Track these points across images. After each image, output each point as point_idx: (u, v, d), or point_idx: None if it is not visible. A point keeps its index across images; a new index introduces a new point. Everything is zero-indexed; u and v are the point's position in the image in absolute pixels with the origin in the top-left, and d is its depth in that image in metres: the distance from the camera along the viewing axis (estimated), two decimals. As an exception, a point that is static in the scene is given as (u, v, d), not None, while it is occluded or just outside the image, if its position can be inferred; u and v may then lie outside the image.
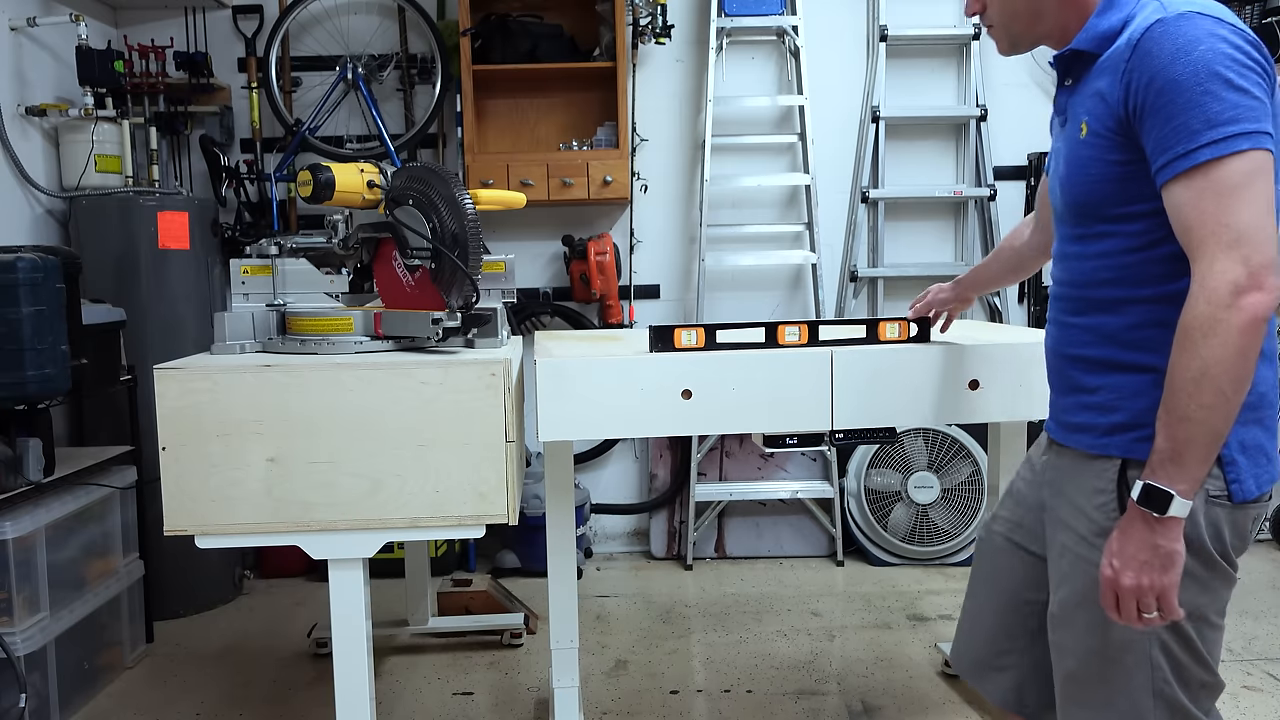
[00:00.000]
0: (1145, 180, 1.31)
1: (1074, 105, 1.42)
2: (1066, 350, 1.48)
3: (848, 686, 2.94)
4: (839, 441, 2.05)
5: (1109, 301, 1.40)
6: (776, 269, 4.25)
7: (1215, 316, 1.20)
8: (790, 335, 2.05)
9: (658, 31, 3.90)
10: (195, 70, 3.94)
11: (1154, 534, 1.27)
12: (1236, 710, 2.74)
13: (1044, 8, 1.43)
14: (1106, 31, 1.35)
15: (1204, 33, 1.24)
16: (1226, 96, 1.21)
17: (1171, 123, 1.24)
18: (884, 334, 2.10)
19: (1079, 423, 1.45)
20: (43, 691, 2.65)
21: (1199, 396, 1.22)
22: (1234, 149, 1.21)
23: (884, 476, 4.01)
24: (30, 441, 2.61)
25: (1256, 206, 1.21)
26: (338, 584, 1.89)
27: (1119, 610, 1.33)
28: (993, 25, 1.50)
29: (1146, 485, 1.27)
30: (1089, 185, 1.37)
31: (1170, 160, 1.25)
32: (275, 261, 2.24)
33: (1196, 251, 1.24)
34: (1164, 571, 1.28)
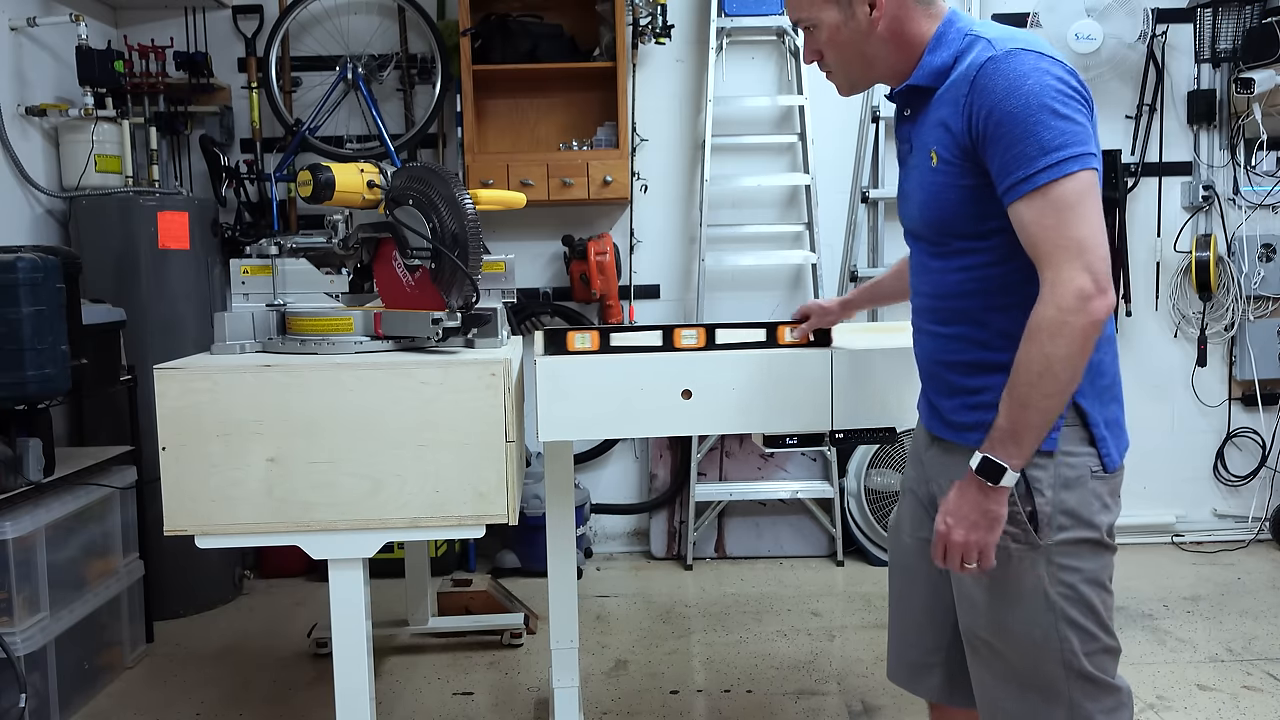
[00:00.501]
0: (994, 201, 1.44)
1: (918, 135, 1.55)
2: (942, 358, 1.59)
3: (848, 686, 2.94)
4: (839, 441, 2.04)
5: (976, 311, 1.52)
6: (776, 269, 4.25)
7: (1063, 320, 1.34)
8: (687, 339, 2.01)
9: (658, 31, 3.90)
10: (195, 70, 3.94)
11: (986, 499, 1.43)
12: (1236, 710, 2.75)
13: (875, 56, 1.55)
14: (940, 67, 1.49)
15: (1030, 68, 1.38)
16: (1054, 125, 1.36)
17: (1011, 150, 1.38)
18: (783, 338, 2.07)
19: (969, 421, 1.55)
20: (43, 691, 2.65)
21: (1041, 387, 1.37)
22: (1067, 171, 1.35)
23: (884, 476, 4.01)
24: (30, 441, 2.61)
25: (1092, 220, 1.36)
26: (338, 584, 1.89)
27: (945, 559, 1.49)
28: (831, 71, 1.61)
29: (984, 457, 1.42)
30: (945, 208, 1.50)
31: (1013, 184, 1.38)
32: (275, 261, 2.23)
33: (1044, 262, 1.37)
34: (988, 530, 1.44)
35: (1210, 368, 4.23)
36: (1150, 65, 4.11)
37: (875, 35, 1.52)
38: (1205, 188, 4.14)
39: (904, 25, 1.51)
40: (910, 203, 1.59)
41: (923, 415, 1.70)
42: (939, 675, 1.73)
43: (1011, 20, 4.12)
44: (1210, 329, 4.19)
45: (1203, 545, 4.20)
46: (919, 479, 1.72)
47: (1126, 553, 1.64)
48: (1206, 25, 4.12)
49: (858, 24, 1.51)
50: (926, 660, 1.74)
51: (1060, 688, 1.50)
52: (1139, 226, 4.21)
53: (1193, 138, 4.19)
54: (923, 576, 1.72)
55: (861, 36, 1.52)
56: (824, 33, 1.55)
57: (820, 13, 1.53)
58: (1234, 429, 4.27)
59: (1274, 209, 4.18)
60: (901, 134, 1.61)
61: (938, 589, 1.70)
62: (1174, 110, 4.19)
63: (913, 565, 1.74)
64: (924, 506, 1.71)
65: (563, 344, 1.99)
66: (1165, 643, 3.19)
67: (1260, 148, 4.12)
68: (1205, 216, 4.21)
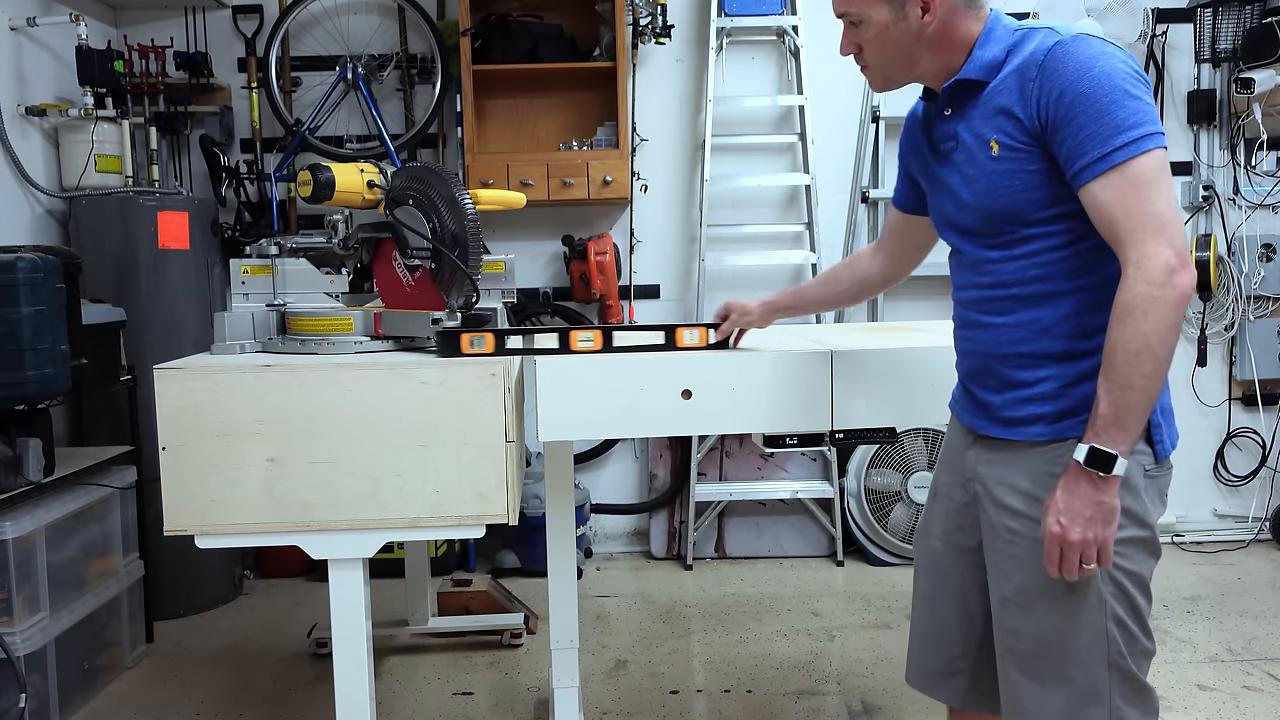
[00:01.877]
0: (1060, 185, 1.44)
1: (967, 130, 1.53)
2: (998, 349, 1.55)
3: (848, 686, 2.94)
4: (839, 441, 2.04)
5: (1040, 296, 1.50)
6: (777, 269, 4.25)
7: (1153, 295, 1.33)
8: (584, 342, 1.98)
9: (658, 31, 3.90)
10: (195, 70, 3.94)
11: (1098, 491, 1.39)
12: (1236, 710, 2.75)
13: (919, 56, 1.54)
14: (992, 61, 1.49)
15: (1098, 51, 1.40)
16: (1128, 104, 1.37)
17: (1085, 130, 1.38)
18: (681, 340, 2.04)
19: (1026, 415, 1.52)
20: (43, 691, 2.65)
21: (1140, 366, 1.34)
22: (1144, 148, 1.36)
23: (884, 476, 4.01)
24: (30, 441, 2.61)
25: (1169, 196, 1.37)
26: (338, 584, 1.89)
27: (1061, 564, 1.43)
28: (868, 66, 1.60)
29: (1093, 448, 1.38)
30: (1012, 196, 1.48)
31: (1089, 163, 1.38)
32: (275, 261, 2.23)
33: (1126, 240, 1.36)
34: (1105, 525, 1.41)
35: (1210, 368, 4.23)
36: (1150, 65, 4.11)
37: (924, 37, 1.51)
38: (1205, 188, 4.14)
39: (953, 27, 1.51)
40: (957, 197, 1.56)
41: (963, 414, 1.66)
42: (964, 681, 1.70)
43: (1011, 20, 4.12)
44: (1210, 329, 4.19)
45: (1203, 545, 4.20)
46: (954, 482, 1.69)
47: (1126, 553, 1.62)
48: (1206, 25, 4.12)
49: (908, 25, 1.51)
50: (953, 666, 1.71)
51: (1102, 689, 1.48)
52: (1139, 226, 4.21)
53: (1193, 138, 4.19)
54: (954, 582, 1.69)
55: (911, 37, 1.52)
56: (870, 30, 1.54)
57: (871, 9, 1.52)
58: (1234, 429, 4.27)
59: (1274, 209, 4.18)
60: (943, 132, 1.58)
61: (968, 595, 1.67)
62: (1174, 110, 4.19)
63: (944, 571, 1.71)
64: (958, 511, 1.67)
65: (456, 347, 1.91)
66: (1165, 643, 3.19)
67: (1260, 148, 4.12)
68: (1205, 216, 4.21)
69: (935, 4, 1.49)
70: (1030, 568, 1.50)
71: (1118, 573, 1.47)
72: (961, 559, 1.68)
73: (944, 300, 4.57)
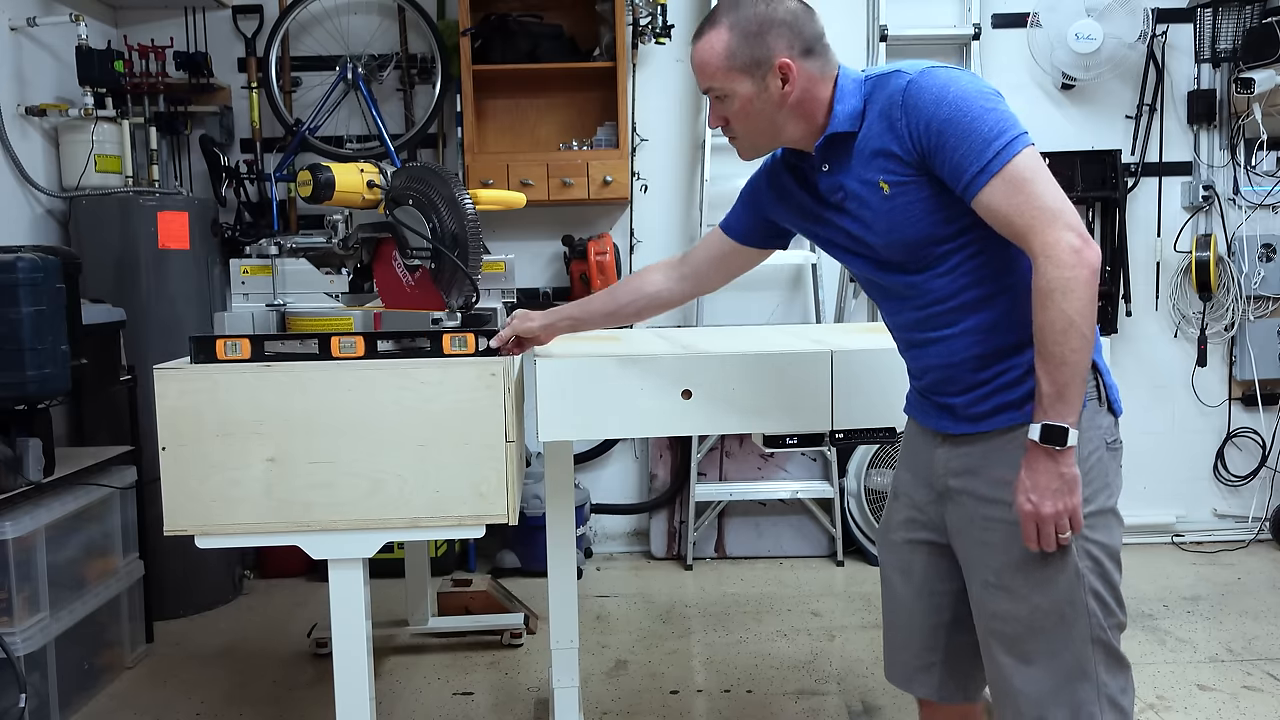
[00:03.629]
0: (956, 200, 1.51)
1: (851, 178, 1.60)
2: (953, 359, 1.61)
3: (848, 686, 2.94)
4: (839, 441, 2.05)
5: (978, 300, 1.57)
6: (776, 269, 4.24)
7: (1066, 276, 1.41)
8: (345, 348, 1.89)
9: (658, 31, 3.90)
10: (195, 70, 3.94)
11: (1058, 464, 1.46)
12: (1236, 710, 2.75)
13: (783, 124, 1.63)
14: (853, 112, 1.58)
15: (946, 79, 1.50)
16: (988, 117, 1.46)
17: (959, 151, 1.47)
18: (448, 347, 1.90)
19: (991, 408, 1.58)
20: (43, 691, 2.65)
21: (1069, 343, 1.42)
22: (1015, 150, 1.45)
23: (884, 476, 4.01)
24: (30, 441, 2.61)
25: (1051, 185, 1.46)
26: (338, 584, 1.89)
27: (1039, 539, 1.49)
28: (736, 137, 1.69)
29: (1045, 425, 1.45)
30: (916, 223, 1.55)
31: (972, 179, 1.47)
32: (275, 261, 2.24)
33: (1028, 234, 1.45)
34: (1071, 494, 1.47)
35: (1210, 368, 4.23)
36: (1150, 65, 4.10)
37: (785, 106, 1.60)
38: (1205, 188, 4.14)
39: (810, 93, 1.60)
40: (862, 241, 1.63)
41: (925, 419, 1.71)
42: (937, 673, 1.75)
43: (1012, 20, 4.12)
44: (1210, 329, 4.19)
45: (1203, 545, 4.20)
46: (916, 480, 1.73)
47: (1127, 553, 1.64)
48: (1206, 25, 4.12)
49: (770, 96, 1.59)
50: (924, 659, 1.75)
51: (1088, 665, 1.54)
52: (1139, 226, 4.21)
53: (1193, 138, 4.19)
54: (916, 577, 1.74)
55: (773, 107, 1.60)
56: (736, 103, 1.62)
57: (734, 84, 1.60)
58: (1234, 429, 4.27)
59: (1274, 209, 4.18)
60: (828, 185, 1.65)
61: (932, 588, 1.72)
62: (1174, 110, 4.19)
63: (905, 567, 1.76)
64: (918, 508, 1.72)
65: (212, 353, 1.85)
66: (1165, 643, 3.19)
67: (1260, 148, 4.11)
68: (1205, 216, 4.20)
69: (794, 74, 1.57)
70: (1009, 551, 1.55)
71: (1091, 545, 1.53)
72: (924, 554, 1.73)
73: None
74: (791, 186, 1.74)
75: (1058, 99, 4.18)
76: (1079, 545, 1.52)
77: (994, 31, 4.14)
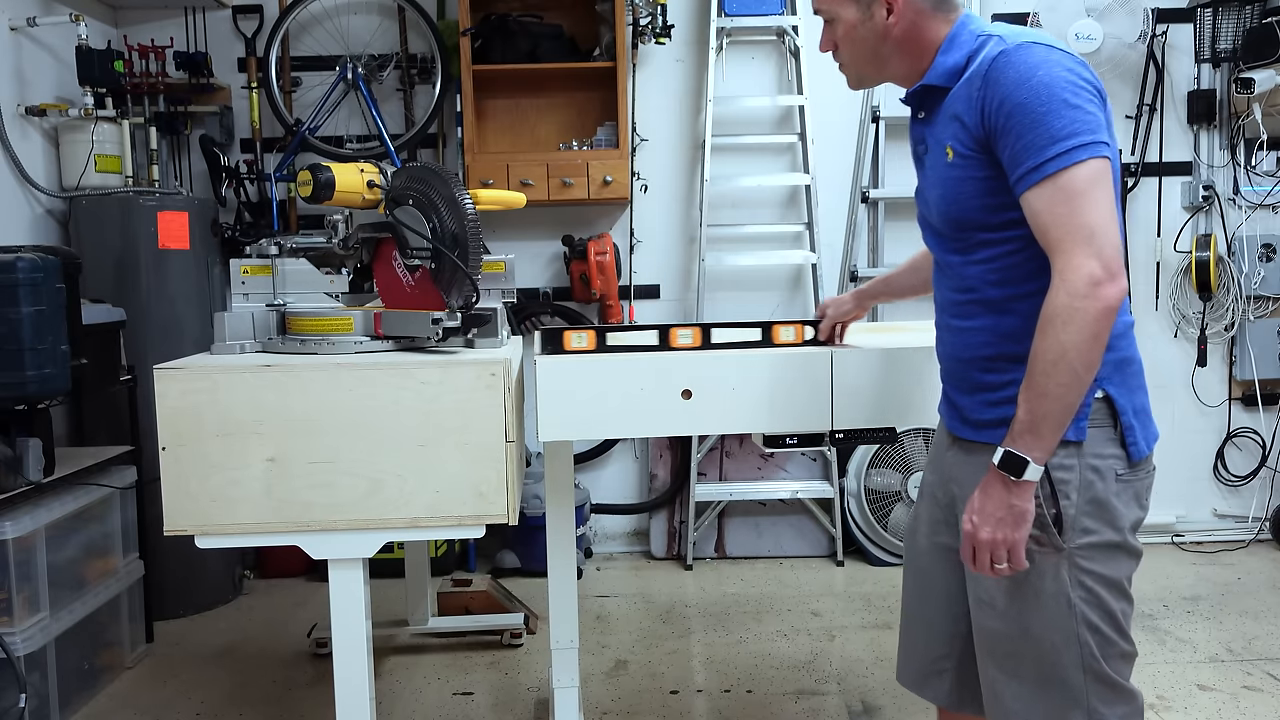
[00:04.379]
0: (1010, 192, 1.45)
1: (932, 134, 1.57)
2: (964, 354, 1.58)
3: (848, 686, 2.94)
4: (839, 441, 2.04)
5: (999, 302, 1.52)
6: (776, 269, 4.25)
7: (1074, 306, 1.35)
8: (683, 339, 2.01)
9: (658, 31, 3.90)
10: (195, 70, 3.94)
11: (1010, 494, 1.42)
12: (1236, 710, 2.75)
13: (888, 57, 1.58)
14: (953, 67, 1.51)
15: (1040, 59, 1.41)
16: (1065, 114, 1.38)
17: (1021, 140, 1.40)
18: (778, 338, 2.06)
19: (990, 419, 1.55)
20: (43, 691, 2.65)
21: (1057, 376, 1.36)
22: (1076, 159, 1.37)
23: (884, 476, 4.01)
24: (30, 441, 2.61)
25: (1102, 207, 1.38)
26: (338, 584, 1.89)
27: (975, 561, 1.47)
28: (843, 64, 1.64)
29: (1007, 452, 1.41)
30: (963, 202, 1.51)
31: (1024, 173, 1.40)
32: (275, 261, 2.23)
33: (1055, 250, 1.39)
34: (1015, 528, 1.43)
35: (1210, 368, 4.23)
36: (1150, 65, 4.11)
37: (890, 38, 1.55)
38: (1205, 188, 4.14)
39: (919, 30, 1.54)
40: (928, 201, 1.61)
41: (944, 416, 1.70)
42: (949, 680, 1.72)
43: (1011, 20, 4.12)
44: (1210, 329, 4.19)
45: (1203, 545, 4.20)
46: (938, 482, 1.71)
47: (1127, 553, 1.62)
48: (1206, 25, 4.12)
49: (874, 25, 1.54)
50: (937, 665, 1.73)
51: (1079, 693, 1.49)
52: (1139, 226, 4.21)
53: (1193, 138, 4.19)
54: (938, 580, 1.71)
55: (877, 37, 1.55)
56: (841, 28, 1.58)
57: (840, 8, 1.57)
58: (1234, 429, 4.27)
59: (1274, 209, 4.18)
60: (916, 135, 1.63)
61: (951, 594, 1.69)
62: (1174, 110, 4.19)
63: (927, 569, 1.73)
64: (942, 510, 1.70)
65: (559, 344, 1.99)
66: (1165, 643, 3.19)
67: (1260, 148, 4.12)
68: (1205, 216, 4.21)
69: (899, 5, 1.52)
70: None
71: (1087, 578, 1.48)
72: (945, 558, 1.70)
73: (944, 300, 4.53)
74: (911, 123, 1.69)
75: (1058, 99, 4.18)
76: (1073, 575, 1.48)
77: (994, 31, 4.14)
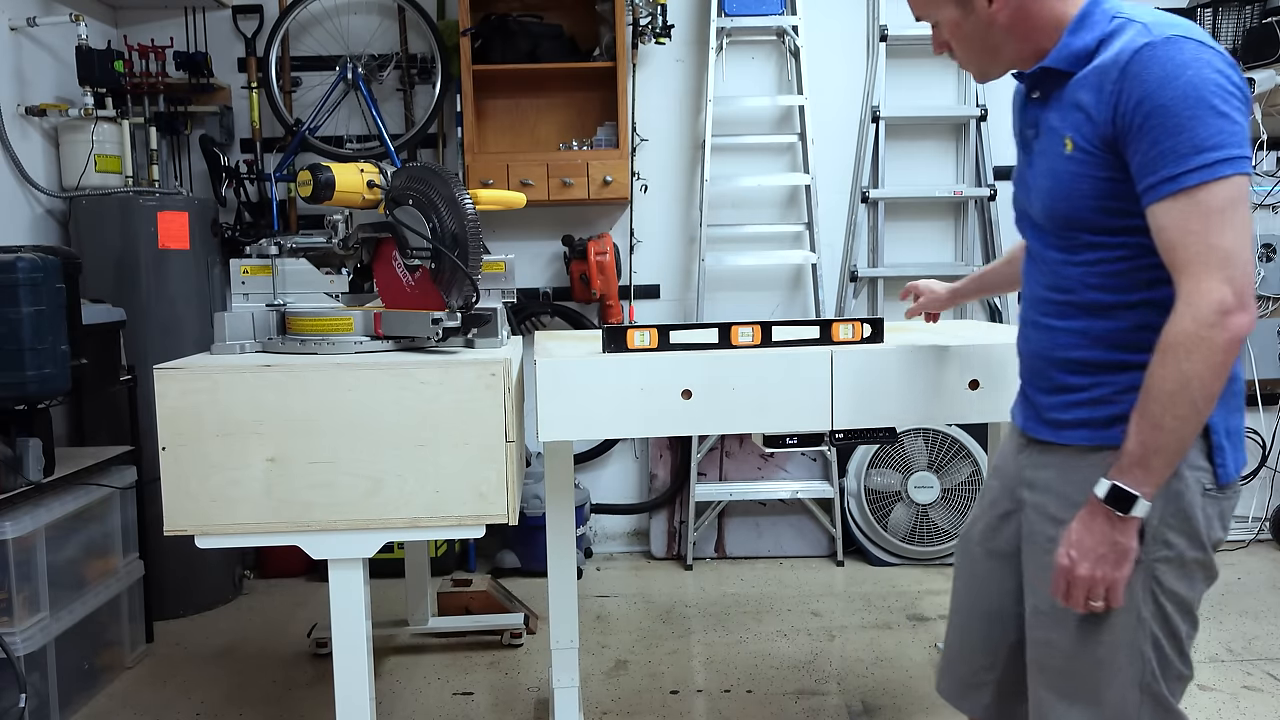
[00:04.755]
0: (1131, 197, 1.35)
1: (1049, 119, 1.46)
2: (1052, 353, 1.50)
3: (848, 686, 2.94)
4: (839, 441, 2.05)
5: (1098, 306, 1.43)
6: (776, 269, 4.25)
7: (1200, 335, 1.26)
8: (744, 336, 2.04)
9: (658, 31, 3.90)
10: (195, 70, 3.94)
11: (1114, 530, 1.34)
12: (1236, 710, 2.74)
13: (1000, 45, 1.49)
14: (1080, 50, 1.40)
15: (1190, 58, 1.28)
16: (1212, 122, 1.26)
17: (1159, 146, 1.28)
18: (837, 335, 2.09)
19: (1074, 419, 1.47)
20: (43, 691, 2.65)
21: (1175, 409, 1.28)
22: (1219, 174, 1.26)
23: (884, 476, 4.01)
24: (30, 441, 2.61)
25: (1239, 230, 1.27)
26: (338, 584, 1.89)
27: (1067, 596, 1.39)
28: (960, 62, 1.58)
29: (1114, 486, 1.33)
30: (1075, 200, 1.40)
31: (1158, 182, 1.29)
32: (275, 261, 2.24)
33: (1182, 271, 1.28)
34: (1117, 566, 1.35)
35: (1210, 368, 4.22)
36: (1150, 65, 4.10)
37: (998, 25, 1.46)
38: (1205, 188, 4.13)
39: (1029, 11, 1.43)
40: (1033, 191, 1.50)
41: (1018, 416, 1.61)
42: (989, 694, 1.66)
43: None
44: (1210, 329, 4.19)
45: (1203, 545, 4.19)
46: (1002, 488, 1.64)
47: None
48: (1206, 25, 4.12)
49: (978, 17, 1.46)
50: (978, 678, 1.67)
51: (1131, 712, 1.43)
52: (1139, 226, 4.21)
53: (1193, 138, 4.18)
54: (990, 587, 1.65)
55: (984, 28, 1.47)
56: (946, 28, 1.52)
57: (938, 11, 1.51)
58: (1234, 429, 4.27)
59: (1274, 209, 4.18)
60: (1027, 117, 1.52)
61: (1003, 603, 1.63)
62: (1174, 110, 4.18)
63: (979, 575, 1.67)
64: (1000, 517, 1.63)
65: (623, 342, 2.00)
66: (1165, 643, 3.19)
67: (1260, 148, 4.11)
68: (1205, 216, 4.20)
69: None
70: None
71: (1161, 594, 1.41)
72: (997, 566, 1.63)
73: (944, 300, 4.53)
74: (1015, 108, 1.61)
75: (1058, 99, 4.18)
76: (1146, 588, 1.40)
77: (994, 31, 4.14)
